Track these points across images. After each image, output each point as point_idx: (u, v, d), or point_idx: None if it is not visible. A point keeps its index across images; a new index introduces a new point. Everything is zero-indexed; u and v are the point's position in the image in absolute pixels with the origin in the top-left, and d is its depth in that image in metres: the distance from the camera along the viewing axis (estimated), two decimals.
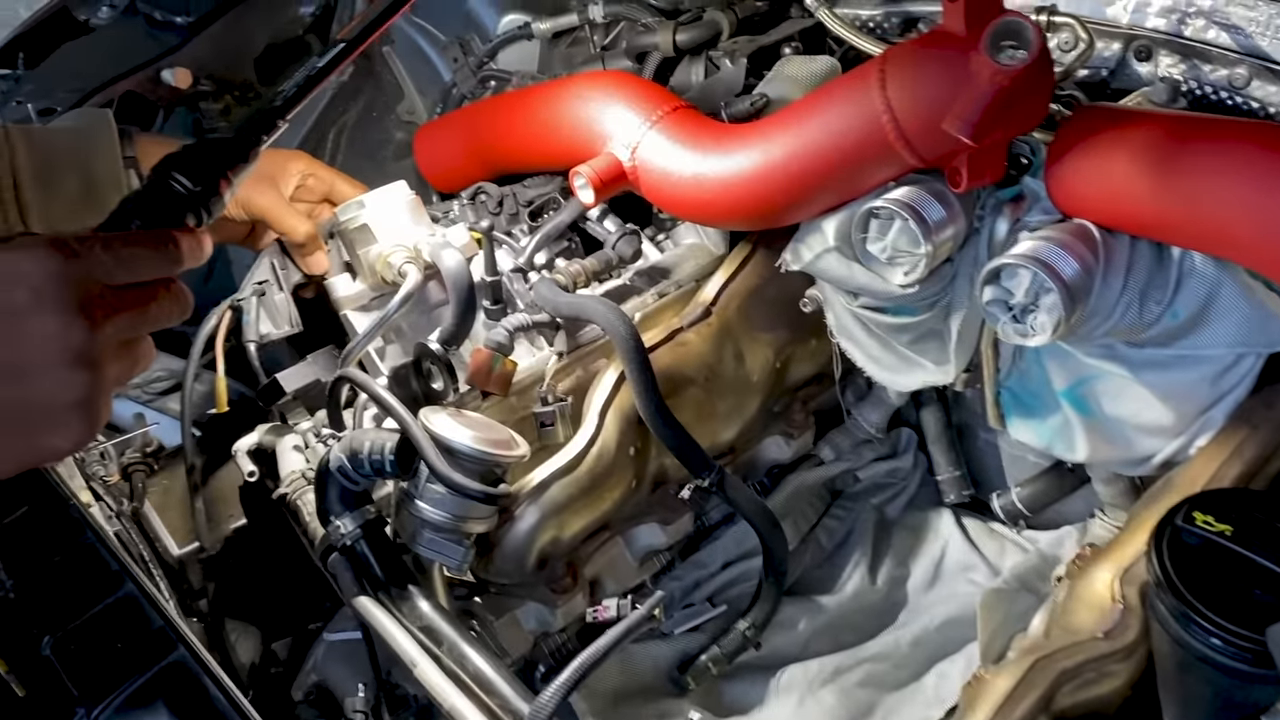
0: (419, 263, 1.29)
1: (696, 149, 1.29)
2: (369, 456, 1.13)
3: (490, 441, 1.14)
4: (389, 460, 1.13)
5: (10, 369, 0.67)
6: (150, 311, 0.76)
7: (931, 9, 1.65)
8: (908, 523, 1.55)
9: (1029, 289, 1.11)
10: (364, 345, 1.27)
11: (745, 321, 1.43)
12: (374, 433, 1.15)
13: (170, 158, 0.83)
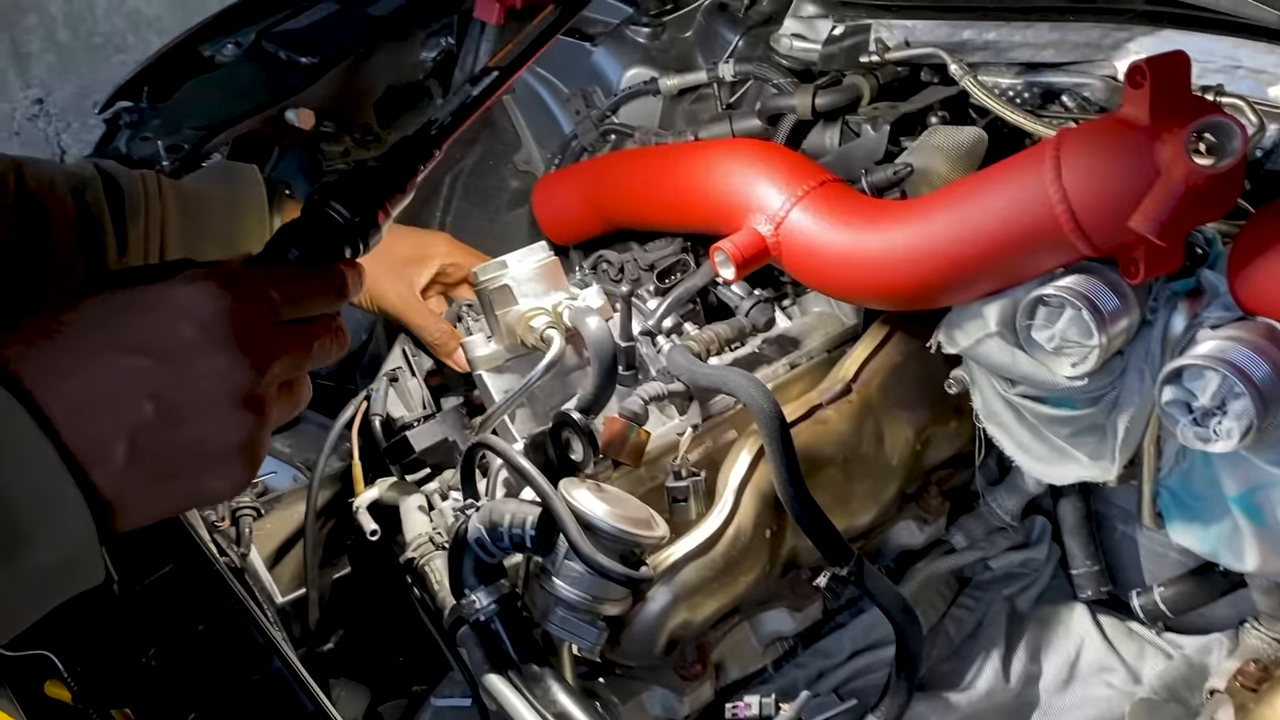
0: (560, 328, 1.26)
1: (848, 226, 1.25)
2: (509, 530, 1.09)
3: (632, 520, 1.10)
4: (530, 536, 1.09)
5: (175, 409, 0.65)
6: (314, 351, 0.74)
7: (1074, 80, 1.61)
8: (1040, 617, 1.47)
9: (1216, 392, 1.05)
10: (504, 412, 1.23)
11: (886, 400, 1.37)
12: (514, 505, 1.11)
13: (327, 186, 0.81)
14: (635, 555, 1.12)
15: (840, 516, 1.32)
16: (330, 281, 0.76)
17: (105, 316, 0.65)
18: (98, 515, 0.62)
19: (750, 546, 1.24)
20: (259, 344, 0.68)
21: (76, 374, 0.62)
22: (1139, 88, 1.05)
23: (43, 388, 0.61)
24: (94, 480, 0.62)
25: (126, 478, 0.63)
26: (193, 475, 0.67)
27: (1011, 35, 1.64)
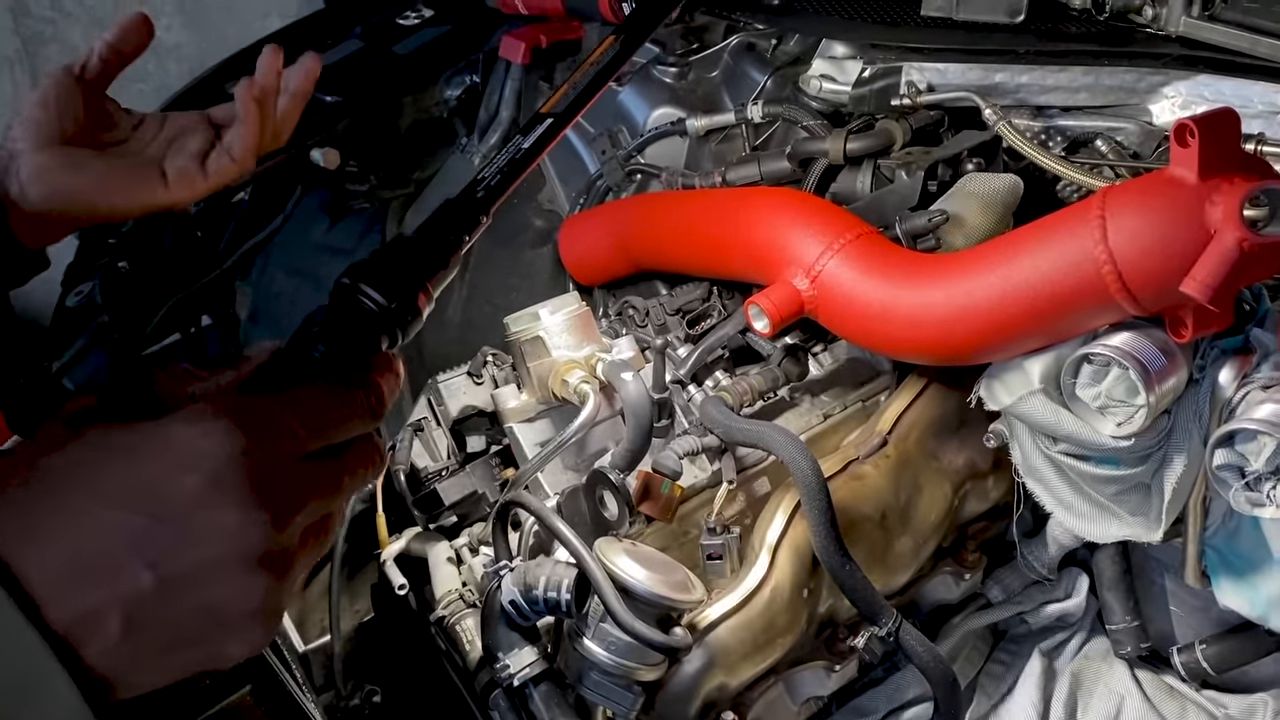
0: (594, 382, 1.24)
1: (886, 281, 1.23)
2: (544, 594, 1.07)
3: (670, 584, 1.08)
4: (565, 600, 1.06)
5: (177, 577, 0.55)
6: (345, 485, 0.63)
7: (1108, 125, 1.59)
8: (1078, 673, 1.45)
9: (1271, 458, 1.02)
10: (537, 469, 1.21)
11: (924, 454, 1.35)
12: (549, 566, 1.09)
13: (357, 268, 0.69)
14: (671, 618, 1.09)
15: (878, 574, 1.29)
16: (364, 401, 0.64)
17: (95, 462, 0.55)
18: (90, 693, 0.53)
19: (787, 606, 1.21)
20: (279, 494, 0.58)
21: (60, 537, 0.53)
22: (1187, 146, 1.03)
23: (20, 555, 0.52)
24: (85, 659, 0.53)
25: (123, 652, 0.54)
26: (201, 644, 0.57)
27: (1044, 79, 1.63)
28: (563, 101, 1.00)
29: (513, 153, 0.88)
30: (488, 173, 0.86)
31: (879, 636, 1.20)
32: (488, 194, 0.84)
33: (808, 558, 1.23)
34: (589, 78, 1.02)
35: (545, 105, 0.99)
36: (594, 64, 1.05)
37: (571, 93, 1.00)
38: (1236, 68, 1.50)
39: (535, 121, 0.93)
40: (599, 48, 1.10)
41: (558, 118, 0.95)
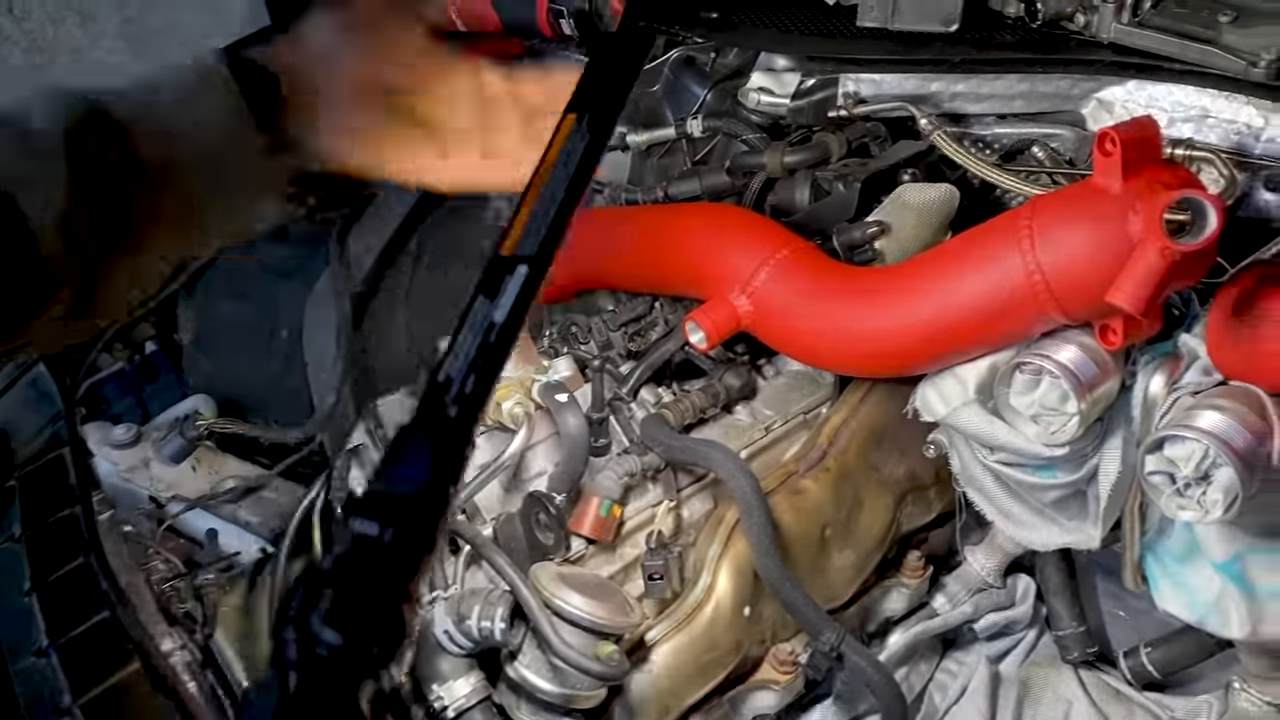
0: (529, 404, 1.22)
1: (820, 295, 1.23)
2: (478, 623, 1.06)
3: (605, 608, 1.07)
4: (499, 629, 1.05)
5: None
6: None
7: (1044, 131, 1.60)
8: (1026, 680, 1.45)
9: (1200, 463, 1.02)
10: (471, 495, 1.19)
11: (864, 466, 1.35)
12: (482, 595, 1.08)
13: (305, 601, 0.49)
14: (611, 644, 1.08)
15: (821, 588, 1.29)
16: None
17: None
18: None
19: (729, 625, 1.21)
20: None
21: None
22: (1109, 155, 1.03)
23: None
24: None
25: None
26: None
27: (980, 87, 1.63)
28: (530, 236, 0.71)
29: (482, 332, 0.63)
30: (453, 369, 0.60)
31: (823, 652, 1.20)
32: (463, 409, 0.59)
33: (749, 575, 1.22)
34: (557, 187, 0.73)
35: (505, 242, 0.70)
36: (556, 162, 0.74)
37: (541, 220, 0.71)
38: (1166, 72, 1.52)
39: (500, 271, 0.66)
40: (557, 133, 0.78)
41: (532, 262, 0.68)
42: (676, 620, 1.17)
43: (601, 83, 0.81)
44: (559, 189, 0.73)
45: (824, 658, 1.20)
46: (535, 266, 0.68)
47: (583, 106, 0.79)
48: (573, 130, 0.77)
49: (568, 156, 0.74)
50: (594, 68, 0.82)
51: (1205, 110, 1.50)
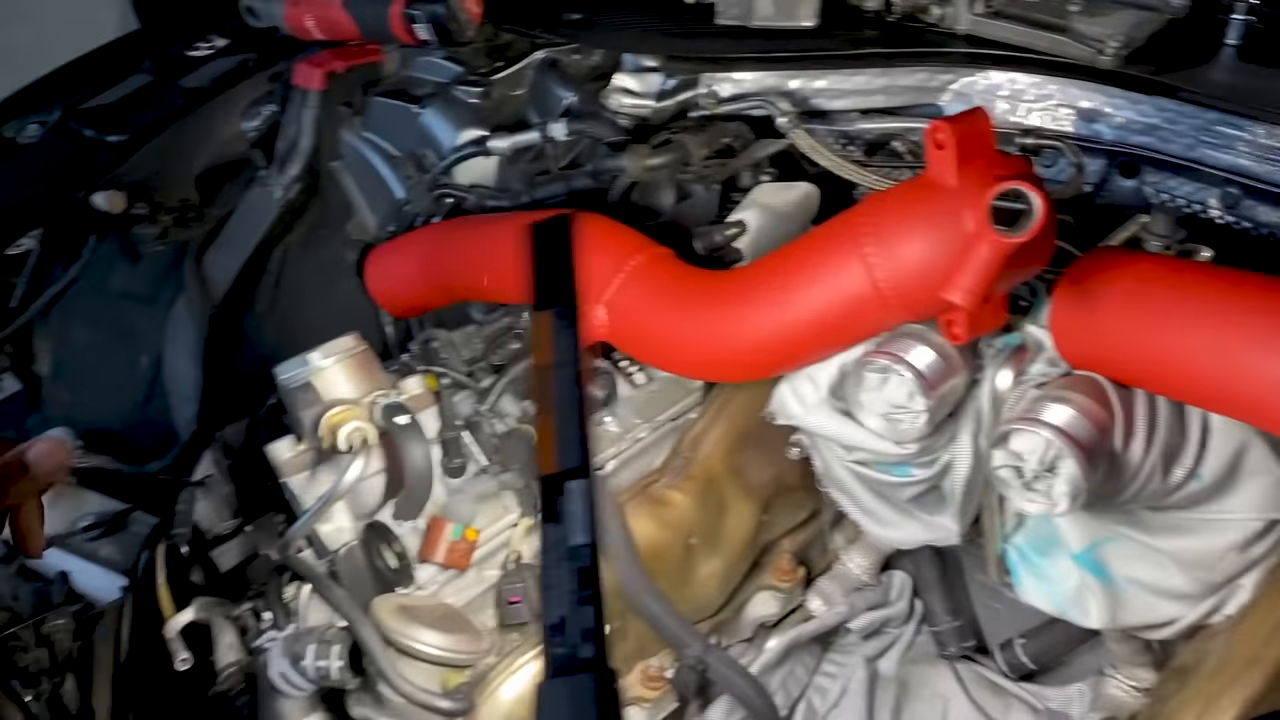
0: (370, 429, 1.17)
1: (674, 304, 1.20)
2: (314, 662, 1.00)
3: (452, 640, 1.02)
4: (336, 667, 1.00)
5: None
6: None
7: (904, 125, 1.60)
8: (905, 679, 1.44)
9: (1044, 456, 1.02)
10: (306, 527, 1.13)
11: (729, 472, 1.32)
12: (319, 634, 1.02)
13: None
14: (459, 675, 1.04)
15: (689, 599, 1.26)
16: None
17: None
18: None
19: None
20: None
21: None
22: (941, 149, 1.02)
23: None
24: None
25: None
26: None
27: (840, 83, 1.62)
28: (567, 447, 0.66)
29: (570, 560, 0.62)
30: (568, 614, 0.59)
31: (689, 666, 1.17)
32: (596, 645, 0.60)
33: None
34: (564, 387, 0.68)
35: (544, 461, 0.65)
36: (552, 364, 0.69)
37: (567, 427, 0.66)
38: (1022, 62, 1.53)
39: (554, 493, 0.62)
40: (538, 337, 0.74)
41: (579, 471, 0.64)
42: (533, 649, 1.13)
43: (550, 272, 0.80)
44: (567, 387, 0.68)
45: (691, 672, 1.17)
46: (583, 472, 0.65)
47: (548, 301, 0.76)
48: (553, 326, 0.74)
49: (562, 353, 0.70)
50: (538, 260, 0.81)
51: (1058, 98, 1.51)
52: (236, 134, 1.93)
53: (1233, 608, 1.10)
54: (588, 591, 0.62)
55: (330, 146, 1.91)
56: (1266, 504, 1.04)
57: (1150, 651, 1.28)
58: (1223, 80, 1.45)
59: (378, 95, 1.89)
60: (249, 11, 1.92)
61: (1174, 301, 1.01)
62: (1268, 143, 1.36)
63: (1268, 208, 1.37)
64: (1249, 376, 0.95)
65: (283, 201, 1.88)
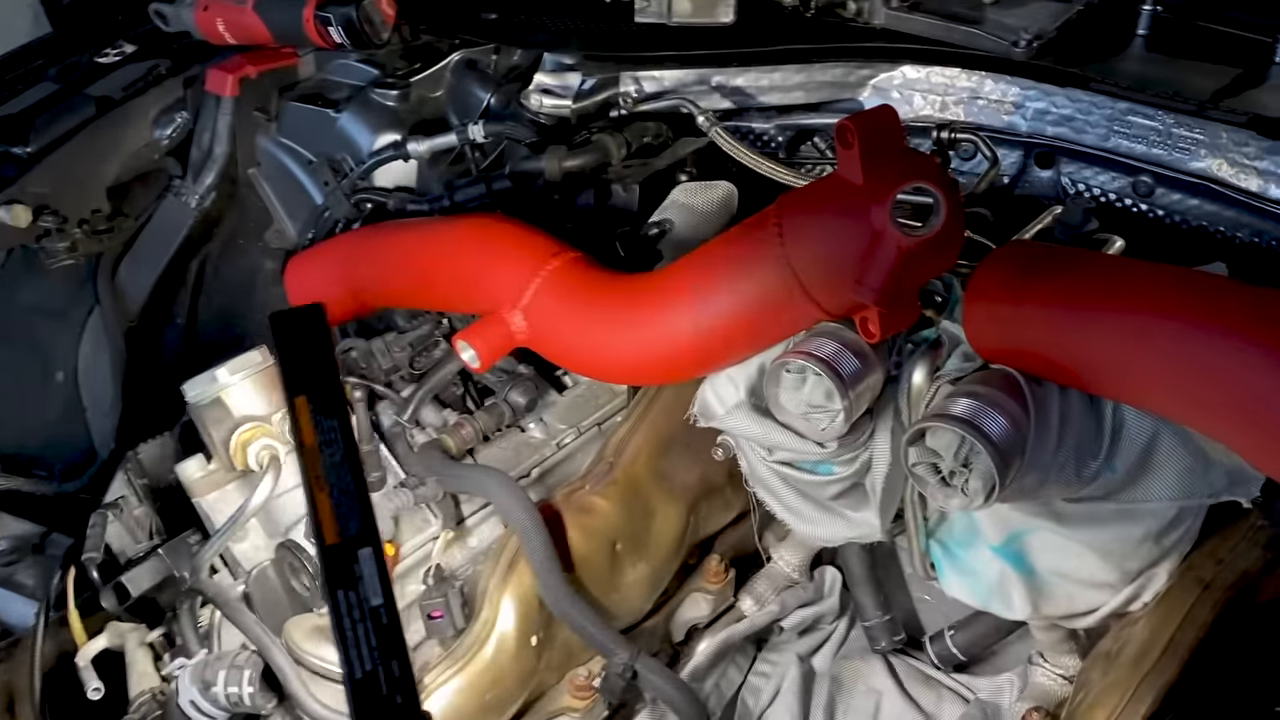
0: (280, 446, 1.14)
1: (591, 309, 1.18)
2: (224, 689, 0.97)
3: None
4: (248, 694, 0.97)
5: None
6: None
7: (824, 121, 1.60)
8: (838, 675, 1.44)
9: (958, 452, 1.02)
10: (216, 549, 1.10)
11: (654, 476, 1.31)
12: (229, 660, 0.99)
13: None
14: None
15: (616, 605, 1.25)
16: None
17: None
18: None
19: (515, 657, 1.15)
20: None
21: None
22: (849, 148, 1.01)
23: None
24: None
25: None
26: None
27: (760, 80, 1.62)
28: (346, 516, 0.69)
29: (370, 621, 0.64)
30: (368, 669, 0.62)
31: (617, 673, 1.16)
32: (404, 696, 0.63)
33: (534, 603, 1.17)
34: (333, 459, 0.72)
35: (325, 532, 0.69)
36: (317, 444, 0.73)
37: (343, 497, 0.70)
38: (938, 57, 1.53)
39: (341, 560, 0.65)
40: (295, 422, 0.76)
41: (361, 537, 0.68)
42: (456, 659, 1.11)
43: (301, 357, 0.79)
44: (337, 463, 0.71)
45: (619, 678, 1.16)
46: (368, 539, 0.68)
47: (299, 388, 0.77)
48: (311, 410, 0.76)
49: (326, 434, 0.73)
50: (284, 348, 0.80)
51: (975, 91, 1.52)
52: (149, 143, 1.87)
53: (1150, 595, 1.11)
54: (390, 646, 0.64)
55: (247, 153, 1.87)
56: (1178, 491, 1.05)
57: (1075, 640, 1.29)
58: (1134, 70, 1.47)
59: (293, 100, 1.85)
60: (159, 16, 1.87)
61: (1082, 295, 1.01)
62: (1177, 131, 1.39)
63: (1180, 195, 1.40)
64: (1157, 368, 0.96)
65: (199, 211, 1.84)
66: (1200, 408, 0.94)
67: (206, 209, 1.84)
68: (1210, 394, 0.91)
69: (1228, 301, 0.94)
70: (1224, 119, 1.34)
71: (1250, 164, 1.33)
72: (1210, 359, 0.90)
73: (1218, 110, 1.35)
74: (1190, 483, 1.05)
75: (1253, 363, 0.87)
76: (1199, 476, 1.05)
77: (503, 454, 1.33)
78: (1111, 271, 1.03)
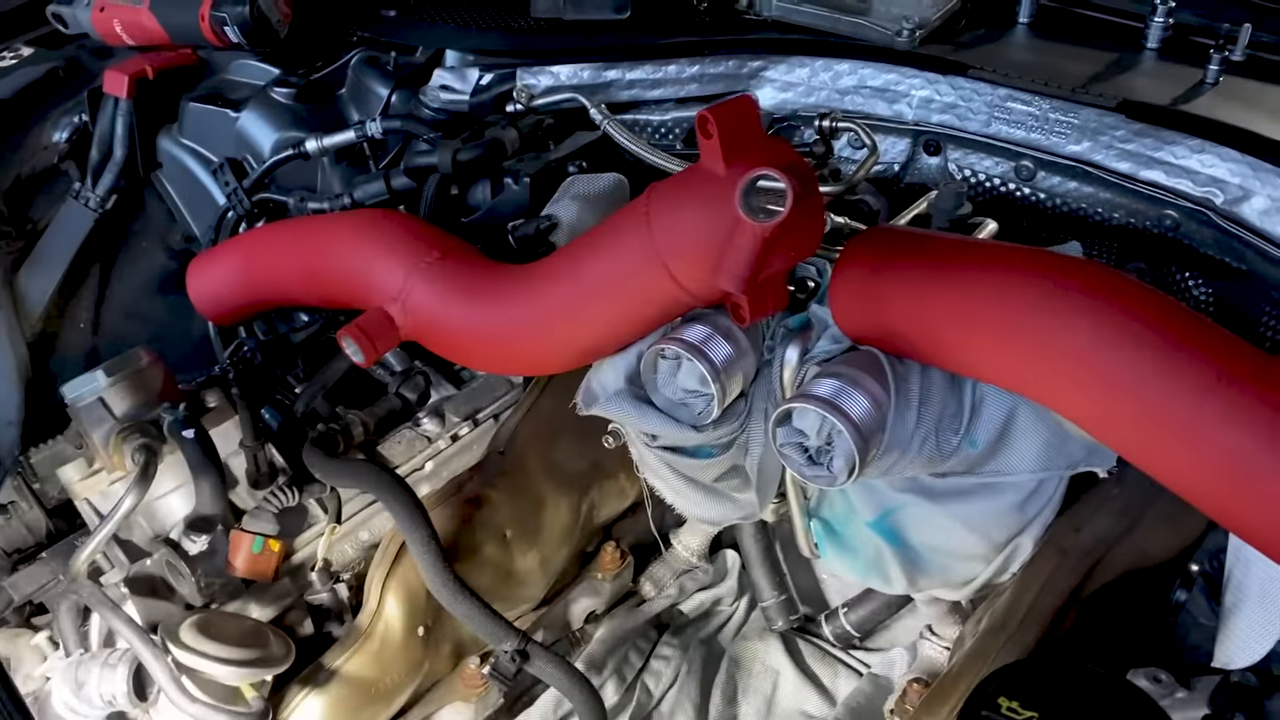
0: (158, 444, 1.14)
1: (469, 300, 1.19)
2: (98, 688, 0.98)
3: (242, 653, 1.00)
4: (123, 693, 0.97)
5: None
6: None
7: None
8: (737, 656, 1.46)
9: (820, 431, 1.04)
10: (93, 550, 1.10)
11: (543, 465, 1.33)
12: (102, 659, 1.00)
13: None
14: (252, 688, 1.02)
15: (508, 594, 1.27)
16: None
17: None
18: None
19: (402, 648, 1.16)
20: None
21: None
22: (710, 138, 1.03)
23: None
24: None
25: None
26: None
27: (654, 73, 1.64)
28: None
29: None
30: None
31: (506, 659, 1.17)
32: None
33: (420, 594, 1.18)
34: None
35: None
36: None
37: None
38: (826, 48, 1.56)
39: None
40: None
41: None
42: (343, 648, 1.12)
43: None
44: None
45: (509, 665, 1.18)
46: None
47: None
48: None
49: None
50: None
51: (862, 81, 1.55)
52: (46, 145, 1.85)
53: (1017, 564, 1.14)
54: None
55: (148, 155, 1.86)
56: (1038, 463, 1.09)
57: (960, 612, 1.33)
58: (1015, 57, 1.50)
59: (192, 100, 1.84)
60: (57, 19, 1.85)
61: (934, 273, 1.04)
62: (1053, 116, 1.43)
63: (1060, 178, 1.44)
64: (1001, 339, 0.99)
65: (99, 214, 1.82)
66: (1042, 378, 0.97)
67: (107, 212, 1.82)
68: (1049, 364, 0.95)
69: (1069, 274, 0.97)
70: (1095, 103, 1.38)
71: (1121, 146, 1.38)
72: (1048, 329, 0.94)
73: (1089, 95, 1.39)
74: (1049, 455, 1.09)
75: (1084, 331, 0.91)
76: (1057, 449, 1.09)
77: (395, 448, 1.34)
78: (962, 251, 1.06)
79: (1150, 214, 1.37)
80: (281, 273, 1.46)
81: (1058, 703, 0.82)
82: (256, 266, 1.53)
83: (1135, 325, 0.91)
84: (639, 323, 1.15)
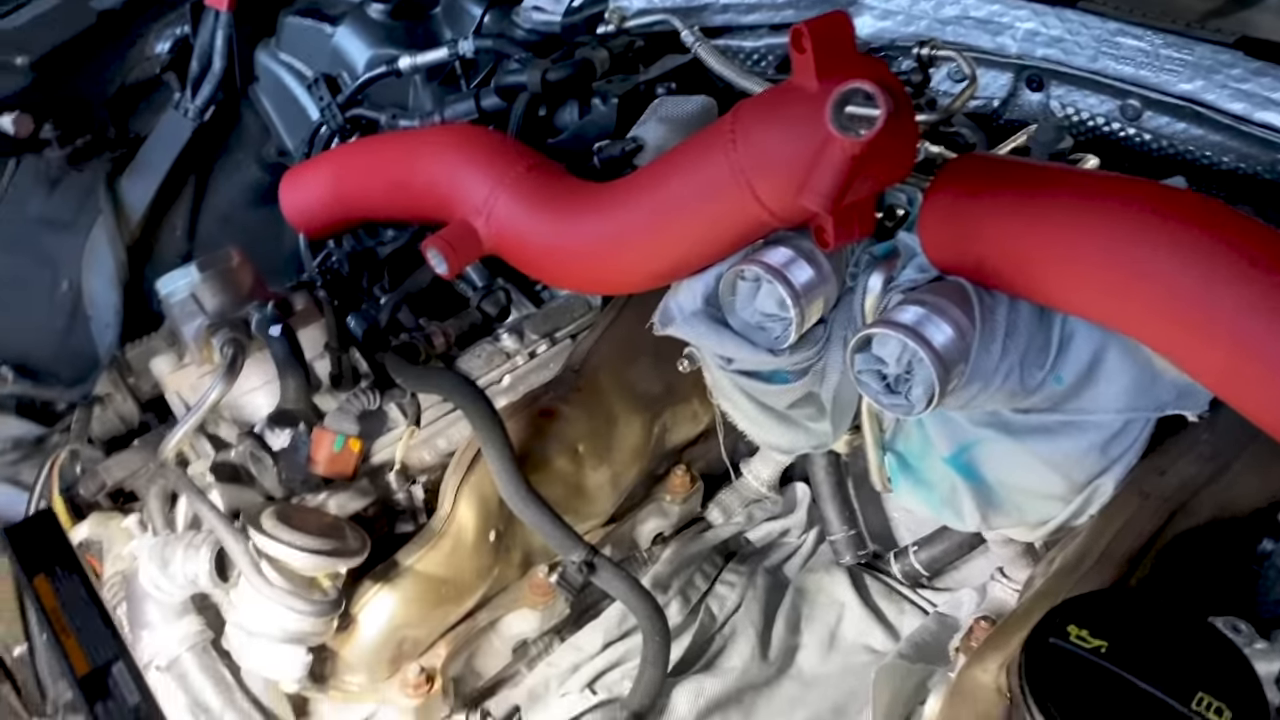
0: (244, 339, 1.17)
1: (551, 215, 1.19)
2: (182, 567, 1.02)
3: (319, 543, 1.04)
4: (205, 573, 1.01)
5: None
6: None
7: None
8: (802, 586, 1.46)
9: (900, 358, 1.03)
10: (180, 437, 1.14)
11: (618, 386, 1.33)
12: (186, 540, 1.04)
13: None
14: (327, 579, 1.06)
15: (577, 507, 1.28)
16: None
17: None
18: None
19: (473, 552, 1.19)
20: None
21: None
22: (803, 52, 1.01)
23: None
24: None
25: None
26: None
27: None
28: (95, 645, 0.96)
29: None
30: None
31: (574, 570, 1.19)
32: None
33: (493, 501, 1.20)
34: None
35: (75, 665, 0.93)
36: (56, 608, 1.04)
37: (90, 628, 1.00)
38: None
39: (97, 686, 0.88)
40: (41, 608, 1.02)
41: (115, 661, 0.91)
42: (414, 550, 1.15)
43: None
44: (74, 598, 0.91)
45: (576, 575, 1.19)
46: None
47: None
48: None
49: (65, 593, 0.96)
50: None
51: (965, 10, 1.51)
52: (149, 56, 1.90)
53: (1096, 507, 1.12)
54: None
55: (245, 69, 1.89)
56: (1124, 404, 1.05)
57: (1033, 555, 1.31)
58: None
59: (291, 15, 1.86)
60: None
61: (1035, 203, 1.01)
62: (1165, 52, 1.37)
63: (1168, 118, 1.38)
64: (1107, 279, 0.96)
65: (197, 125, 1.86)
66: (1138, 311, 0.94)
67: (205, 124, 1.87)
68: (1146, 298, 0.92)
69: (1172, 204, 0.93)
70: (1212, 39, 1.32)
71: (1236, 86, 1.31)
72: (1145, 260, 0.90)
73: (1205, 31, 1.33)
74: (1136, 395, 1.05)
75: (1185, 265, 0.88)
76: (1145, 390, 1.05)
77: (474, 361, 1.36)
78: (1059, 179, 1.03)
79: (1263, 158, 1.31)
80: (371, 187, 1.48)
81: (1129, 634, 0.80)
82: (347, 180, 1.55)
83: (1238, 258, 0.87)
84: (720, 243, 1.14)
